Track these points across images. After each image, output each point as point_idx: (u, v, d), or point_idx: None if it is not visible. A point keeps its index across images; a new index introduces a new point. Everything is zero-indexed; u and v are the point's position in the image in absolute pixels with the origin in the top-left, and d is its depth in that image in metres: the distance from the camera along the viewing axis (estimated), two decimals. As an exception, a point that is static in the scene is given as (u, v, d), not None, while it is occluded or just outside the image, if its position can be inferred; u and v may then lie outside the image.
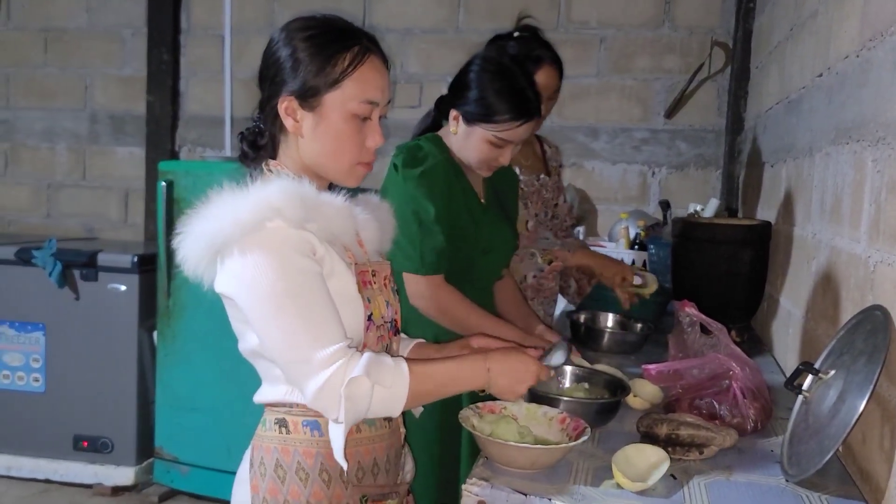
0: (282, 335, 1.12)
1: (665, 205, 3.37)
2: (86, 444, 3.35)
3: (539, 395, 1.44)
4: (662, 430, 1.33)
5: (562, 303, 2.68)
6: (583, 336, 2.09)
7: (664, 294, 2.48)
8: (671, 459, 1.22)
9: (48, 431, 3.39)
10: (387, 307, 1.28)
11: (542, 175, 2.41)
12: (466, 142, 1.77)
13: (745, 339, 2.10)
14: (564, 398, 1.45)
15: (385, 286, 1.30)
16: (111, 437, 3.34)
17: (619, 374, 1.66)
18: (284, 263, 1.12)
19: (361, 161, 1.25)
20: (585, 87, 3.68)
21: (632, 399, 1.58)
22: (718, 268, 2.04)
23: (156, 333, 3.28)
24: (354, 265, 1.23)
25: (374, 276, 1.27)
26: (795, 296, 1.99)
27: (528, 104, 1.71)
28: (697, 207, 3.23)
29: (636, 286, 2.21)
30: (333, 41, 1.20)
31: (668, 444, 1.30)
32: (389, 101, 1.27)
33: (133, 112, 4.21)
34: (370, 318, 1.23)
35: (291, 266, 1.12)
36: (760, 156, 2.78)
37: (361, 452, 1.25)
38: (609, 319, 2.22)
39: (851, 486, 1.22)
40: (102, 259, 3.31)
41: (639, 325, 2.17)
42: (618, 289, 2.19)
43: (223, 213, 1.13)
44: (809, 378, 1.30)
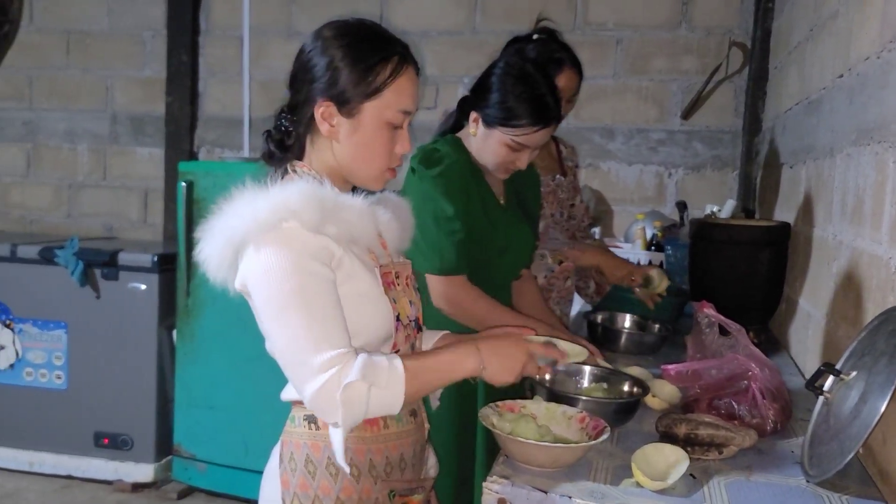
0: (284, 335, 1.13)
1: (682, 206, 3.36)
2: (106, 441, 3.40)
3: (558, 395, 1.45)
4: (681, 430, 1.33)
5: (578, 303, 2.68)
6: (600, 337, 2.09)
7: (681, 295, 2.48)
8: (690, 459, 1.22)
9: (70, 428, 3.43)
10: (410, 307, 1.30)
11: (558, 175, 2.42)
12: (485, 144, 1.78)
13: (763, 341, 2.09)
14: (583, 398, 1.45)
15: (408, 286, 1.32)
16: (131, 435, 3.38)
17: (643, 375, 1.66)
18: (296, 264, 1.13)
19: (390, 167, 1.28)
20: (602, 88, 3.68)
21: (650, 399, 1.58)
22: (736, 269, 2.03)
23: (175, 332, 3.32)
24: (378, 267, 1.24)
25: (398, 278, 1.29)
26: (815, 297, 1.98)
27: (548, 110, 1.73)
28: (714, 208, 3.22)
29: (648, 287, 2.21)
30: (372, 51, 1.22)
31: (687, 444, 1.30)
32: (418, 108, 1.30)
33: (153, 113, 4.26)
34: (398, 319, 1.25)
35: (302, 268, 1.13)
36: (778, 157, 2.77)
37: (389, 448, 1.26)
38: (626, 320, 2.22)
39: (872, 487, 1.22)
40: (123, 258, 3.35)
41: (656, 326, 2.17)
42: (641, 292, 2.20)
43: (243, 211, 1.15)
44: (830, 379, 1.30)
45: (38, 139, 4.44)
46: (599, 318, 2.20)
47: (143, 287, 3.34)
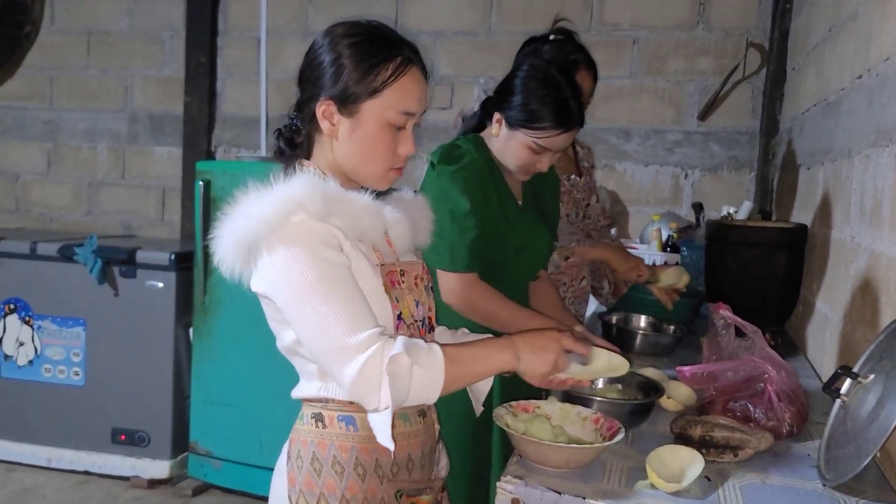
0: (316, 324, 1.13)
1: (698, 207, 3.34)
2: (123, 438, 3.43)
3: (573, 395, 1.45)
4: (696, 432, 1.33)
5: (593, 304, 2.68)
6: (615, 337, 2.09)
7: (697, 296, 2.47)
8: (705, 461, 1.22)
9: (87, 424, 3.47)
10: (417, 306, 1.29)
11: (574, 176, 2.41)
12: (506, 145, 1.79)
13: (780, 343, 2.08)
14: (598, 398, 1.45)
15: (416, 285, 1.31)
16: (148, 431, 3.41)
17: (658, 376, 1.66)
18: (312, 255, 1.14)
19: (393, 167, 1.28)
20: (618, 89, 3.67)
21: (665, 401, 1.58)
22: (752, 271, 2.02)
23: (192, 330, 3.34)
24: (381, 265, 1.24)
25: (403, 276, 1.28)
26: (832, 299, 1.97)
27: (571, 114, 1.73)
28: (730, 210, 3.20)
29: (670, 284, 2.20)
30: (377, 50, 1.22)
31: (702, 446, 1.30)
32: (425, 111, 1.29)
33: (171, 113, 4.29)
34: (399, 318, 1.24)
35: (319, 257, 1.14)
36: (796, 158, 2.75)
37: (396, 448, 1.25)
38: (642, 321, 2.21)
39: (890, 492, 1.21)
40: (141, 256, 3.38)
41: (671, 328, 2.16)
42: (658, 292, 2.19)
43: (249, 211, 1.16)
44: (848, 382, 1.29)
45: (59, 138, 4.49)
46: (614, 319, 2.20)
47: (161, 285, 3.37)
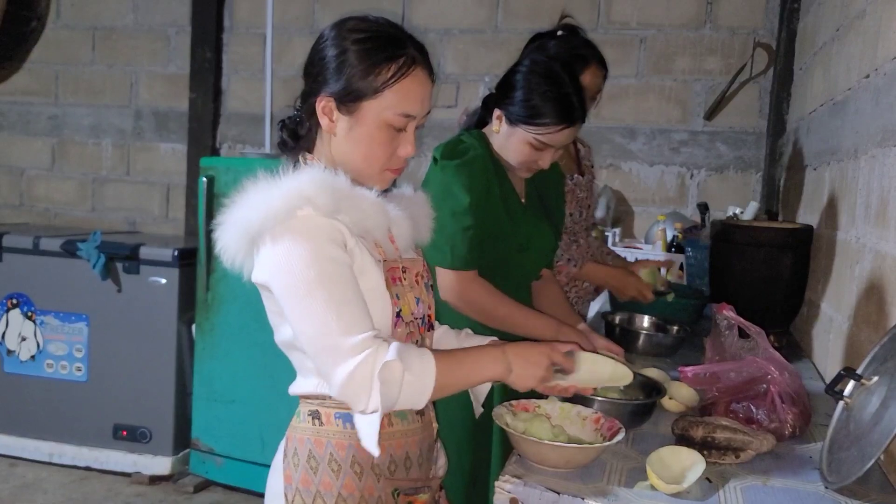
0: (312, 322, 1.12)
1: (703, 207, 3.33)
2: (125, 434, 3.43)
3: (573, 395, 1.43)
4: (698, 433, 1.31)
5: (597, 303, 2.67)
6: (618, 337, 2.08)
7: (701, 297, 2.45)
8: (706, 462, 1.21)
9: (89, 420, 3.47)
10: (417, 304, 1.28)
11: (576, 175, 2.40)
12: (508, 142, 1.77)
13: (784, 345, 2.07)
14: (598, 398, 1.44)
15: (417, 282, 1.30)
16: (150, 428, 3.41)
17: (660, 377, 1.65)
18: (315, 251, 1.13)
19: (391, 168, 1.27)
20: (624, 88, 3.65)
21: (667, 401, 1.57)
22: (758, 271, 2.01)
23: (194, 326, 3.34)
24: (384, 262, 1.24)
25: (405, 273, 1.28)
26: (837, 301, 1.95)
27: (573, 110, 1.70)
28: (736, 210, 3.19)
29: (661, 292, 2.20)
30: (380, 49, 1.21)
31: (704, 447, 1.28)
32: (429, 112, 1.27)
33: (176, 109, 4.29)
34: (399, 315, 1.23)
35: (322, 254, 1.13)
36: (802, 159, 2.73)
37: (394, 446, 1.25)
38: (645, 321, 2.20)
39: (893, 495, 1.20)
40: (144, 252, 3.38)
41: (675, 328, 2.15)
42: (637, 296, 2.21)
43: (256, 202, 1.16)
44: (851, 384, 1.27)
45: (64, 134, 4.50)
46: (618, 319, 2.18)
47: (164, 281, 3.37)
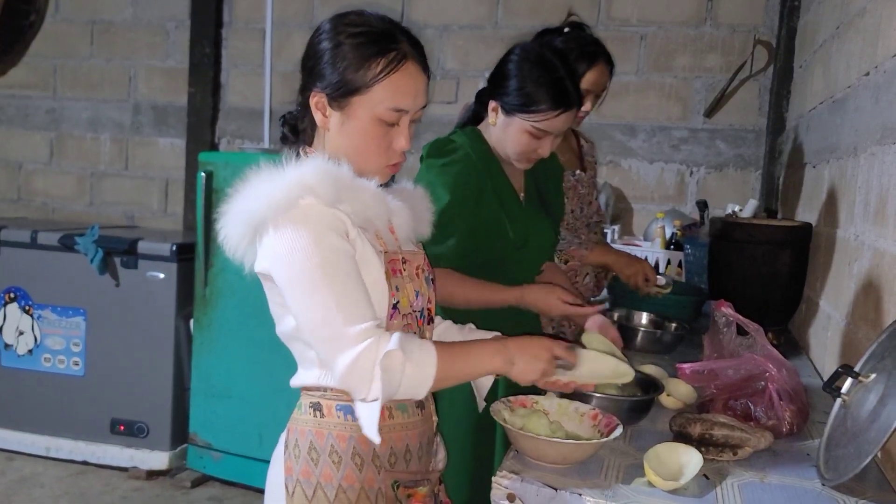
0: (314, 311, 1.13)
1: (703, 205, 3.32)
2: (122, 428, 3.43)
3: (573, 391, 1.43)
4: (696, 430, 1.31)
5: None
6: (616, 334, 2.08)
7: (699, 294, 2.45)
8: (704, 459, 1.21)
9: (86, 414, 3.47)
10: (416, 296, 1.28)
11: (578, 171, 2.40)
12: (505, 133, 1.75)
13: (782, 342, 2.07)
14: (597, 395, 1.44)
15: (417, 275, 1.31)
16: (147, 422, 3.41)
17: (658, 373, 1.64)
18: (318, 240, 1.14)
19: (389, 163, 1.27)
20: (624, 85, 3.65)
21: (665, 398, 1.56)
22: (756, 269, 2.01)
23: (192, 321, 3.34)
24: (384, 253, 1.24)
25: (405, 265, 1.28)
26: (835, 298, 1.95)
27: (568, 94, 1.69)
28: (736, 208, 3.18)
29: (659, 286, 2.19)
30: (372, 44, 1.21)
31: (702, 444, 1.28)
32: (425, 106, 1.27)
33: (175, 103, 4.28)
34: (395, 307, 1.24)
35: (325, 243, 1.14)
36: (802, 156, 2.73)
37: (394, 438, 1.26)
38: (643, 318, 2.20)
39: (890, 493, 1.20)
40: (142, 247, 3.37)
41: (673, 325, 2.15)
42: (637, 287, 2.18)
43: (259, 192, 1.16)
44: (849, 381, 1.27)
45: (62, 128, 4.49)
46: (616, 316, 2.18)
47: (162, 276, 3.37)
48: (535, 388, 1.44)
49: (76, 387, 3.48)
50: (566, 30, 2.21)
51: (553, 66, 1.70)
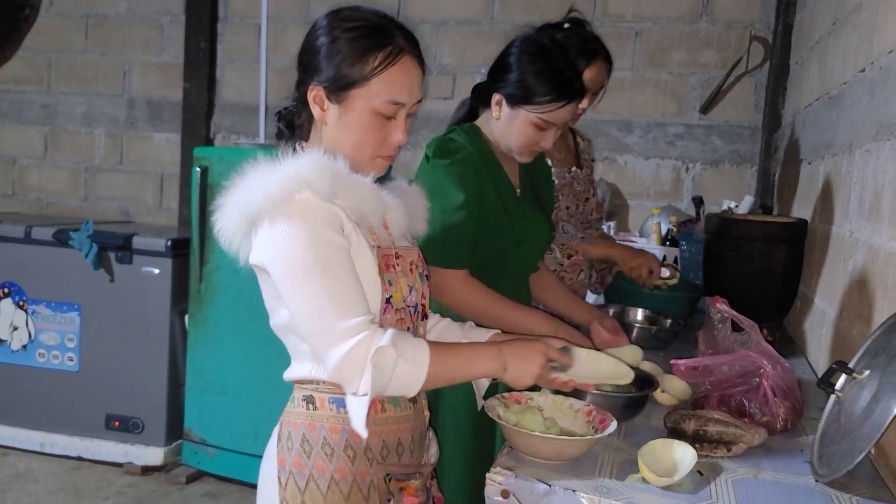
0: (308, 304, 1.13)
1: (698, 201, 3.33)
2: (117, 424, 3.42)
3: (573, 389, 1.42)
4: (690, 426, 1.31)
5: (590, 298, 2.66)
6: (611, 330, 2.08)
7: (695, 290, 2.45)
8: (698, 456, 1.21)
9: (81, 410, 3.46)
10: (410, 291, 1.29)
11: (574, 168, 2.39)
12: (510, 126, 1.75)
13: (777, 339, 2.07)
14: (591, 391, 1.44)
15: (411, 270, 1.31)
16: (142, 418, 3.41)
17: (653, 370, 1.65)
18: (313, 234, 1.14)
19: (382, 155, 1.28)
20: (620, 81, 3.64)
21: (659, 394, 1.56)
22: (752, 265, 2.01)
23: (187, 317, 3.33)
24: (377, 248, 1.24)
25: (398, 260, 1.28)
26: (830, 295, 1.96)
27: (573, 85, 1.71)
28: (731, 204, 3.18)
29: (663, 278, 2.18)
30: (369, 38, 1.22)
31: (696, 441, 1.28)
32: (420, 100, 1.28)
33: (170, 98, 4.27)
34: (388, 302, 1.24)
35: (319, 238, 1.14)
36: (798, 153, 2.73)
37: (386, 432, 1.26)
38: (638, 314, 2.20)
39: (883, 489, 1.20)
40: (137, 242, 3.36)
41: (668, 321, 2.15)
42: (641, 279, 2.17)
43: (255, 185, 1.17)
44: (843, 378, 1.27)
45: (56, 122, 4.47)
46: (611, 312, 2.18)
47: (157, 271, 3.36)
48: (533, 385, 1.45)
49: (71, 382, 3.47)
50: (566, 25, 2.21)
51: (557, 58, 1.72)
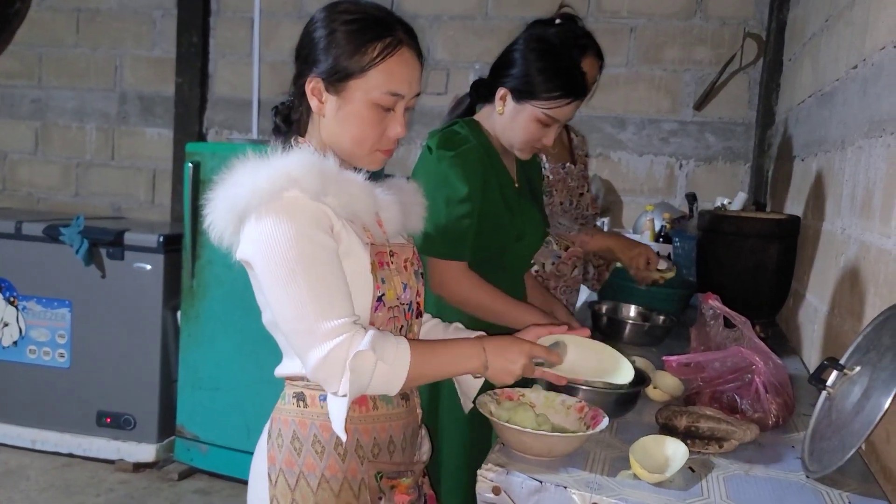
0: (290, 303, 1.13)
1: (692, 197, 3.33)
2: (109, 421, 3.40)
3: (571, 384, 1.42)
4: (682, 423, 1.31)
5: (584, 293, 2.66)
6: (604, 327, 2.08)
7: (688, 287, 2.45)
8: (690, 452, 1.21)
9: (72, 407, 3.44)
10: (404, 289, 1.28)
11: (568, 164, 2.39)
12: (514, 121, 1.75)
13: (769, 335, 2.07)
14: (583, 387, 1.44)
15: (405, 268, 1.30)
16: (134, 415, 3.39)
17: (646, 366, 1.64)
18: (300, 232, 1.13)
19: (380, 148, 1.27)
20: (614, 77, 3.64)
21: (652, 391, 1.56)
22: (744, 262, 2.01)
23: (179, 313, 3.32)
24: (371, 245, 1.23)
25: (393, 257, 1.27)
26: (822, 291, 1.96)
27: (580, 82, 1.72)
28: (724, 201, 3.19)
29: (660, 270, 2.17)
30: (367, 29, 1.21)
31: (688, 437, 1.28)
32: (419, 94, 1.27)
33: (162, 93, 4.25)
34: (381, 299, 1.23)
35: (306, 236, 1.14)
36: (791, 149, 2.73)
37: (377, 429, 1.26)
38: (631, 310, 2.20)
39: (873, 485, 1.20)
40: (129, 238, 3.35)
41: (661, 318, 2.15)
42: (638, 272, 2.16)
43: (244, 181, 1.16)
44: (834, 374, 1.27)
45: (47, 117, 4.44)
46: (604, 308, 2.18)
47: (149, 267, 3.34)
48: (521, 381, 1.44)
49: (62, 379, 3.46)
50: (558, 21, 2.20)
51: (566, 55, 1.73)
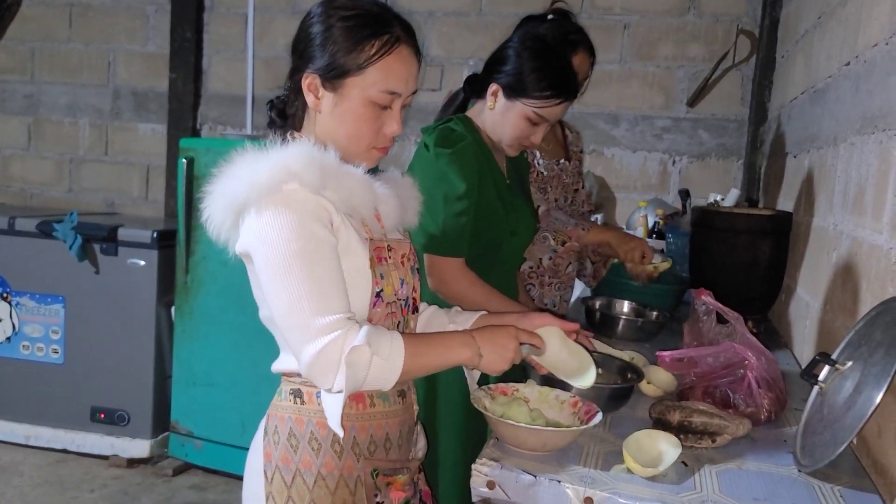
0: (286, 298, 1.12)
1: (685, 194, 3.34)
2: (103, 416, 3.40)
3: (552, 378, 1.43)
4: (675, 417, 1.32)
5: (578, 288, 2.67)
6: (597, 322, 2.09)
7: (681, 283, 2.47)
8: (683, 447, 1.22)
9: (66, 403, 3.44)
10: (401, 285, 1.28)
11: (562, 160, 2.40)
12: (504, 117, 1.76)
13: (762, 331, 2.08)
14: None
15: (402, 263, 1.30)
16: (128, 410, 3.39)
17: (639, 361, 1.65)
18: (300, 225, 1.13)
19: (377, 146, 1.26)
20: (607, 74, 3.64)
21: (645, 386, 1.57)
22: (737, 258, 2.02)
23: (173, 309, 3.31)
24: (370, 240, 1.23)
25: (391, 252, 1.28)
26: (814, 287, 1.97)
27: (572, 83, 1.73)
28: (717, 197, 3.20)
29: (655, 264, 2.18)
30: (365, 26, 1.21)
31: (681, 432, 1.29)
32: (415, 91, 1.27)
33: (156, 89, 4.23)
34: (379, 295, 1.23)
35: (304, 230, 1.13)
36: (784, 146, 2.74)
37: (374, 427, 1.26)
38: (624, 306, 2.21)
39: (865, 479, 1.21)
40: (122, 234, 3.34)
41: (654, 313, 2.16)
42: (634, 266, 2.17)
43: (243, 174, 1.15)
44: (826, 369, 1.29)
45: (40, 112, 4.42)
46: (597, 304, 2.19)
47: (143, 263, 3.34)
48: (515, 375, 1.45)
49: (55, 375, 3.45)
50: (550, 17, 2.21)
51: (559, 55, 1.74)
